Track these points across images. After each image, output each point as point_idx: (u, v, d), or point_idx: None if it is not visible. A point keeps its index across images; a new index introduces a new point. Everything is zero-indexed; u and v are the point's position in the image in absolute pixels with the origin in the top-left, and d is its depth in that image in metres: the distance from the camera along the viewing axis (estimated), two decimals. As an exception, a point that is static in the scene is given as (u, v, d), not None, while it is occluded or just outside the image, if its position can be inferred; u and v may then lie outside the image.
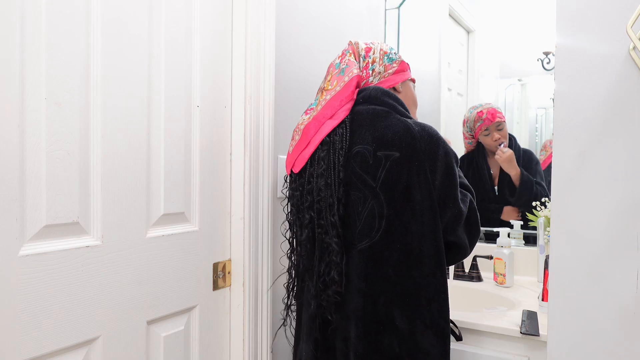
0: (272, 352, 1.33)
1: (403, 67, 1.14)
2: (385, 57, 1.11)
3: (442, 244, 0.98)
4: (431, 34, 1.92)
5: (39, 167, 0.83)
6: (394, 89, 1.11)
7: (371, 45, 1.11)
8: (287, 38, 1.39)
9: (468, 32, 1.89)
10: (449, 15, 1.88)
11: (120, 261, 0.97)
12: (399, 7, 1.93)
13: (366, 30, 1.83)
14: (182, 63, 1.11)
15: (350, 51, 1.09)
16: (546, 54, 1.69)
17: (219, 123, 1.22)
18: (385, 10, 1.95)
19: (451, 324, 1.06)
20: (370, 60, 1.09)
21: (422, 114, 1.19)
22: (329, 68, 1.10)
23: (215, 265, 1.22)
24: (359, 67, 1.08)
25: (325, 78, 1.09)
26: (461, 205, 1.00)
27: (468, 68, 1.88)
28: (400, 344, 0.95)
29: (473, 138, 1.77)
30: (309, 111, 1.06)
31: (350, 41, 1.12)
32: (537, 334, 1.11)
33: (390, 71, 1.10)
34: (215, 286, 1.22)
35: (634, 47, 0.72)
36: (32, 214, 0.82)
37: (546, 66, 1.70)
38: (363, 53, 1.10)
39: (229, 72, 1.25)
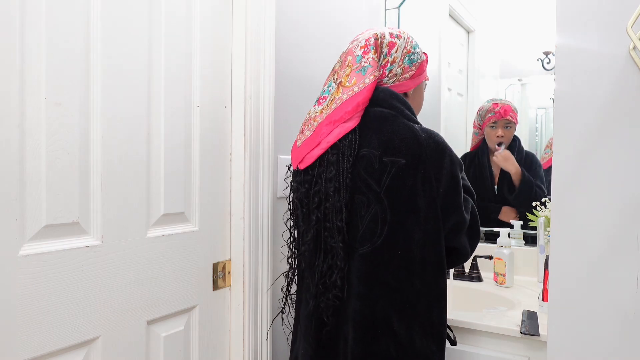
0: (271, 351, 1.33)
1: (421, 70, 1.09)
2: (407, 58, 1.05)
3: (443, 251, 0.98)
4: (431, 34, 1.92)
5: (39, 167, 0.83)
6: (405, 94, 1.09)
7: (396, 40, 1.05)
8: (287, 38, 1.39)
9: (468, 32, 1.89)
10: (449, 15, 1.88)
11: (120, 261, 0.97)
12: (399, 7, 1.93)
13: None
14: (182, 63, 1.11)
15: (374, 47, 1.02)
16: (546, 54, 1.69)
17: (219, 123, 1.22)
18: (386, 10, 1.95)
19: (447, 329, 1.06)
20: (390, 59, 1.04)
21: (422, 114, 1.19)
22: (346, 55, 1.04)
23: (215, 265, 1.22)
24: (379, 64, 1.03)
25: (342, 66, 1.04)
26: (464, 213, 1.01)
27: (468, 68, 1.88)
28: (397, 349, 0.95)
29: (480, 129, 1.78)
30: (321, 101, 1.03)
31: (376, 34, 1.03)
32: (537, 334, 1.11)
33: (406, 75, 1.06)
34: (215, 286, 1.22)
35: (634, 47, 0.71)
36: (32, 214, 0.82)
37: (546, 66, 1.70)
38: (385, 50, 1.04)
39: (229, 72, 1.25)
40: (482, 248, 1.69)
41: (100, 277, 0.94)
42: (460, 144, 1.83)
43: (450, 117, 1.90)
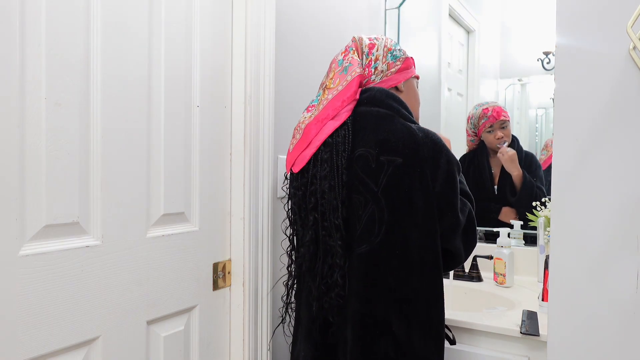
0: (271, 352, 1.33)
1: (407, 65, 1.11)
2: (389, 55, 1.08)
3: (440, 251, 0.98)
4: (431, 34, 1.92)
5: (39, 167, 0.83)
6: (396, 88, 1.09)
7: (375, 41, 1.09)
8: (287, 38, 1.39)
9: (468, 32, 1.89)
10: (449, 15, 1.88)
11: (120, 261, 0.97)
12: (399, 7, 1.93)
13: (366, 30, 1.83)
14: (182, 63, 1.11)
15: (354, 48, 1.07)
16: (546, 54, 1.69)
17: (219, 123, 1.22)
18: (385, 10, 1.95)
19: (445, 329, 1.06)
20: (373, 58, 1.07)
21: (422, 114, 1.19)
22: (331, 64, 1.08)
23: (215, 265, 1.22)
24: (362, 64, 1.06)
25: (327, 74, 1.07)
26: (460, 214, 1.00)
27: (468, 68, 1.88)
28: (395, 350, 0.95)
29: (476, 135, 1.77)
30: (310, 108, 1.05)
31: (353, 37, 1.09)
32: (537, 334, 1.11)
33: (393, 70, 1.08)
34: (215, 286, 1.22)
35: (634, 47, 0.71)
36: (32, 214, 0.82)
37: (546, 66, 1.70)
38: (366, 50, 1.07)
39: (229, 72, 1.25)
40: (482, 248, 1.69)
41: (100, 277, 0.94)
42: (460, 144, 1.83)
43: (450, 117, 1.90)
